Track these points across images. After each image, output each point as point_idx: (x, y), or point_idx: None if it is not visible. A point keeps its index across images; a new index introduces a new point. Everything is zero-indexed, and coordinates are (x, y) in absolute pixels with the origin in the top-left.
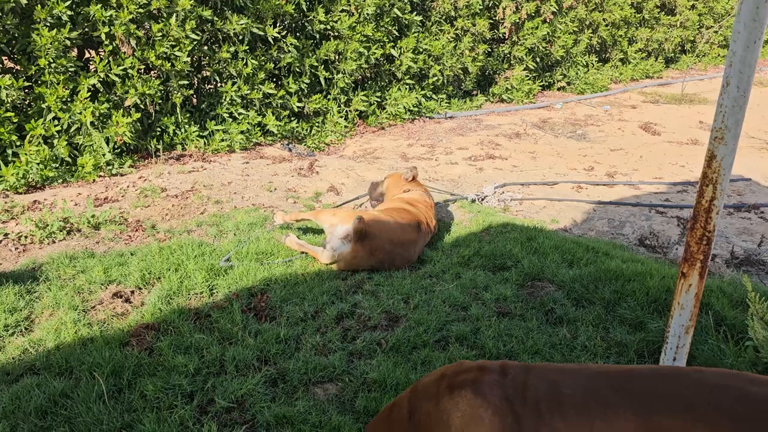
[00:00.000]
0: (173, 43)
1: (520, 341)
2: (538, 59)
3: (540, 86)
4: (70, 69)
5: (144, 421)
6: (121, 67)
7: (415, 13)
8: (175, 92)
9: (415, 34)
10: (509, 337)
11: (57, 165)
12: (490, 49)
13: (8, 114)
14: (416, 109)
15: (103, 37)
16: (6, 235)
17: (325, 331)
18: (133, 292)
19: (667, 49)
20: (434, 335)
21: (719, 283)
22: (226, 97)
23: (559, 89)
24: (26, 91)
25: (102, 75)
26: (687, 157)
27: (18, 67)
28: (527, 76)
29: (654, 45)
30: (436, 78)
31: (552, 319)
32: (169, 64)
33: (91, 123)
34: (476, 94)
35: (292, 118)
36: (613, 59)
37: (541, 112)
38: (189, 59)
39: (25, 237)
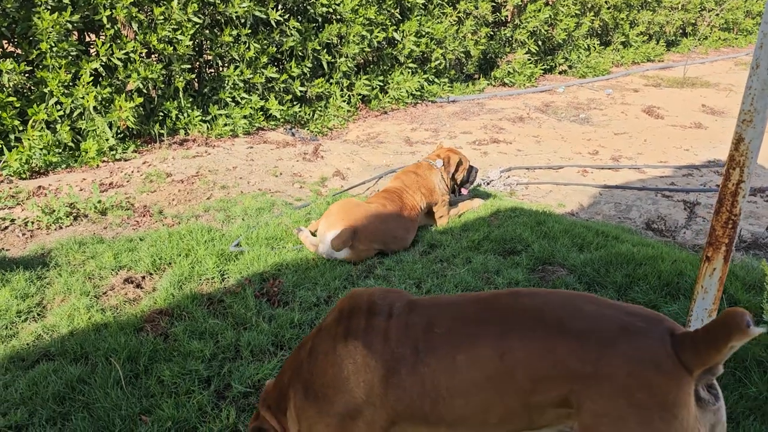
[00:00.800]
0: (175, 27)
1: None
2: (540, 42)
3: (542, 70)
4: (71, 53)
5: (162, 406)
6: (123, 51)
7: None
8: (178, 76)
9: (418, 18)
10: None
11: (60, 150)
12: (492, 33)
13: (10, 99)
14: (419, 93)
15: (105, 20)
16: (12, 221)
17: None
18: (144, 277)
19: (669, 32)
20: None
21: (731, 266)
22: (228, 81)
23: (560, 73)
24: (28, 75)
25: (104, 59)
26: (691, 140)
27: (19, 51)
28: (529, 59)
29: (655, 28)
30: (438, 61)
31: None
32: (171, 47)
33: (94, 108)
34: (478, 78)
35: (295, 103)
36: (615, 42)
37: (543, 95)
38: (191, 43)
39: (32, 223)
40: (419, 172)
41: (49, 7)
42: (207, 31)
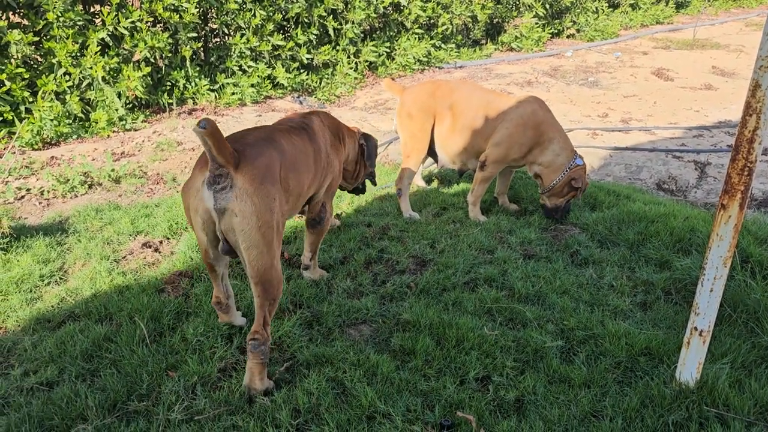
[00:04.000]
0: None
1: (548, 282)
2: (547, 6)
3: (549, 34)
4: (78, 23)
5: (188, 362)
6: (129, 20)
7: None
8: (184, 45)
9: None
10: (537, 278)
11: (70, 121)
12: None
13: (19, 70)
14: (426, 59)
15: None
16: (28, 190)
17: (355, 276)
18: (161, 242)
19: None
20: (463, 277)
21: (744, 222)
22: (235, 49)
23: (568, 37)
24: (35, 46)
25: (110, 28)
26: (701, 102)
27: (26, 22)
28: (537, 23)
29: None
30: (445, 27)
31: (577, 261)
32: (177, 16)
33: (102, 78)
34: (485, 43)
35: (302, 71)
36: (624, 5)
37: (551, 60)
38: (197, 11)
39: (48, 192)
40: None
41: None
42: None
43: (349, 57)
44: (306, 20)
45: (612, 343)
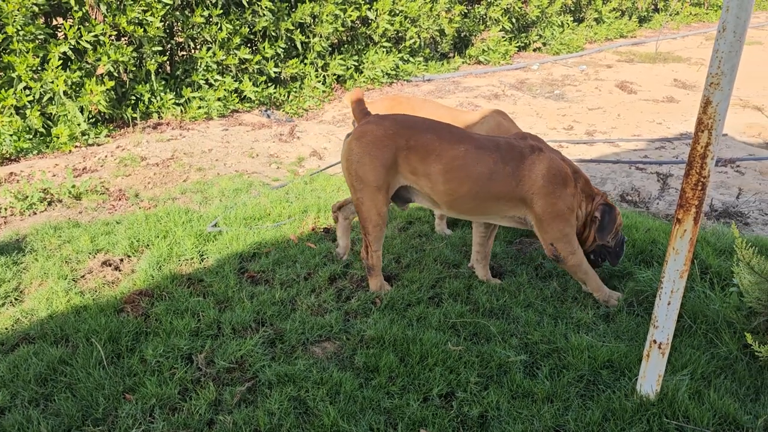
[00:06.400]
0: (145, 8)
1: (513, 295)
2: (513, 20)
3: (516, 47)
4: (39, 36)
5: (146, 384)
6: (92, 34)
7: None
8: (149, 59)
9: None
10: (502, 291)
11: (31, 136)
12: (466, 10)
13: None
14: (394, 72)
15: (72, 2)
16: None
17: (319, 292)
18: (122, 260)
19: (641, 8)
20: (428, 292)
21: (703, 233)
22: (201, 63)
23: (535, 50)
24: None
25: (73, 42)
26: (663, 114)
27: None
28: (503, 37)
29: (627, 4)
30: (413, 40)
31: (541, 274)
32: (142, 29)
33: (64, 92)
34: (453, 57)
35: (270, 84)
36: (588, 19)
37: (518, 73)
38: (162, 24)
39: (5, 209)
40: None
41: None
42: (178, 13)
43: (317, 70)
44: (273, 34)
45: (575, 356)
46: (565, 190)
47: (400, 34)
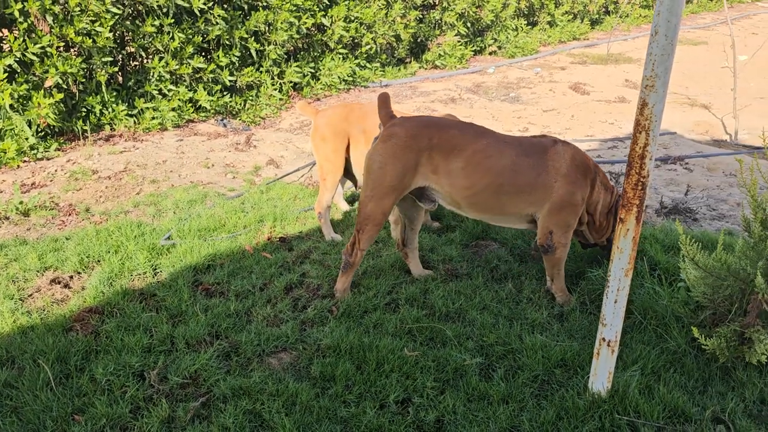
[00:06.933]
0: (93, 18)
1: (468, 298)
2: (468, 24)
3: (472, 51)
4: None
5: (96, 404)
6: (38, 46)
7: None
8: (99, 70)
9: (346, 2)
10: (458, 294)
11: None
12: (421, 16)
13: None
14: (351, 78)
15: (17, 14)
16: None
17: (275, 302)
18: (71, 277)
19: (592, 10)
20: (384, 298)
21: (652, 230)
22: (153, 73)
23: (490, 54)
24: None
25: (18, 54)
26: (615, 114)
27: None
28: (459, 41)
29: (579, 7)
30: (369, 46)
31: (497, 276)
32: (91, 40)
33: (10, 106)
34: (410, 62)
35: (225, 93)
36: (541, 22)
37: (474, 76)
38: (111, 35)
39: None
40: None
41: None
42: (128, 22)
43: (273, 78)
44: (227, 42)
45: (529, 356)
46: (585, 180)
47: (356, 41)
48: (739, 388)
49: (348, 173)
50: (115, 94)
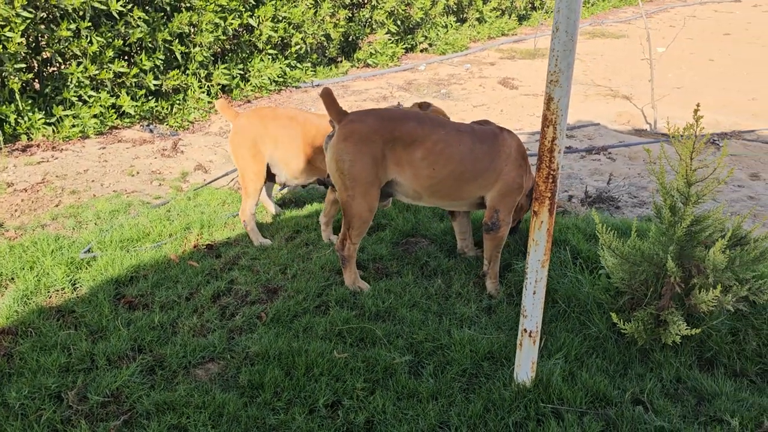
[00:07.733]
0: (2, 23)
1: (398, 296)
2: (399, 22)
3: (403, 49)
4: None
5: (8, 430)
6: None
7: None
8: (12, 77)
9: (273, 2)
10: (387, 293)
11: None
12: (351, 14)
13: None
14: (281, 79)
15: None
16: None
17: (202, 312)
18: None
19: (519, 6)
20: (314, 301)
21: (575, 220)
22: (72, 79)
23: (422, 51)
24: None
25: None
26: (542, 107)
27: None
28: (390, 39)
29: (507, 3)
30: (298, 46)
31: (427, 272)
32: (1, 46)
33: None
34: (341, 61)
35: (150, 98)
36: (470, 19)
37: (406, 74)
38: (23, 40)
39: None
40: None
41: None
42: (42, 26)
43: (200, 81)
44: (150, 45)
45: (458, 351)
46: (527, 165)
47: (285, 41)
48: (657, 368)
49: (269, 174)
50: (30, 101)
